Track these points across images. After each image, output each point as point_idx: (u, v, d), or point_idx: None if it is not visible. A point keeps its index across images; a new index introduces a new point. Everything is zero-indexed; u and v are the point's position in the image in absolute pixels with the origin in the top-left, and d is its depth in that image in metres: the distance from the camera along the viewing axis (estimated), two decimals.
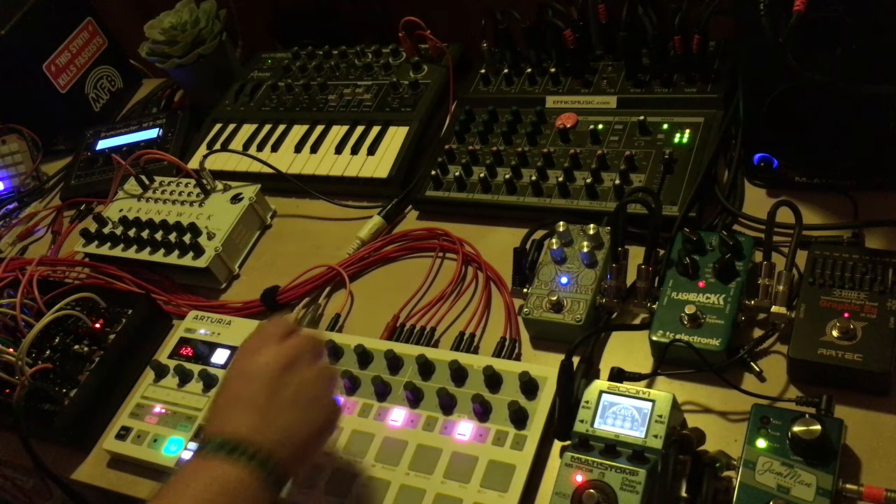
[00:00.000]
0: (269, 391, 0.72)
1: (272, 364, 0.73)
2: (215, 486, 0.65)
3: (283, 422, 0.71)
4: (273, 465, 0.68)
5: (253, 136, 1.36)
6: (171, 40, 1.44)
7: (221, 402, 0.74)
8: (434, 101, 1.28)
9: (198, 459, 0.69)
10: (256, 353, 0.75)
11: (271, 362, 0.74)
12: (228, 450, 0.68)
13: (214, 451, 0.68)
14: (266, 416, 0.70)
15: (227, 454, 0.67)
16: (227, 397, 0.73)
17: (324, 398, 0.76)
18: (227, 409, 0.72)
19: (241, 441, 0.68)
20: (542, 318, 0.92)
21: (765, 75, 0.90)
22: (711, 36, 1.09)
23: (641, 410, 0.77)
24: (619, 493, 0.72)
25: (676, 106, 1.09)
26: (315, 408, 0.74)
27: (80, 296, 1.12)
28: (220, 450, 0.68)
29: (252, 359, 0.75)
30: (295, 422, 0.71)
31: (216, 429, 0.71)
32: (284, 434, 0.70)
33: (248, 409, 0.71)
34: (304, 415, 0.73)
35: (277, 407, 0.71)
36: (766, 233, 0.85)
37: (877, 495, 0.69)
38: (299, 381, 0.74)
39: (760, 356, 0.85)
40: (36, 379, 1.04)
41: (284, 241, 1.24)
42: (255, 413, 0.70)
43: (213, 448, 0.68)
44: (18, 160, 1.59)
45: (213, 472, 0.67)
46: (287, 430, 0.71)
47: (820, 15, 0.79)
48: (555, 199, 1.06)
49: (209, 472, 0.67)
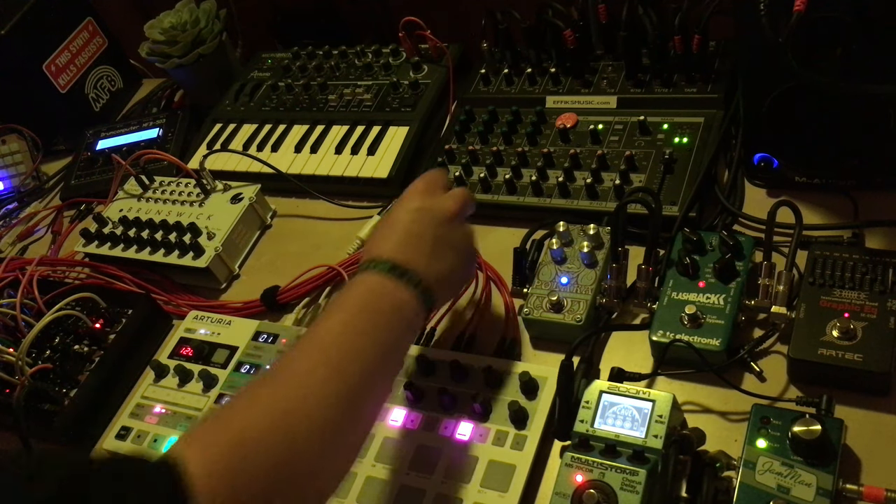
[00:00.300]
0: (437, 237, 0.82)
1: (444, 213, 0.84)
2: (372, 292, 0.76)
3: (443, 265, 0.81)
4: (430, 297, 0.79)
5: (253, 136, 1.36)
6: (171, 40, 1.44)
7: (390, 230, 0.82)
8: (434, 101, 1.28)
9: (368, 275, 0.77)
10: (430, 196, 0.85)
11: (444, 211, 0.84)
12: (398, 273, 0.77)
13: (385, 271, 0.77)
14: (432, 256, 0.80)
15: (398, 277, 0.77)
16: (397, 229, 0.82)
17: (470, 250, 0.89)
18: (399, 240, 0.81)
19: (409, 269, 0.78)
20: (542, 318, 0.92)
21: (765, 75, 0.90)
22: (711, 36, 1.09)
23: (641, 410, 0.77)
24: (620, 493, 0.72)
25: (676, 106, 1.09)
26: (468, 260, 0.88)
27: (80, 296, 1.12)
28: (392, 271, 0.77)
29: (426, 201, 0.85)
30: (452, 267, 0.83)
31: (386, 253, 0.79)
32: (442, 275, 0.81)
33: (418, 246, 0.80)
34: (457, 260, 0.84)
35: (442, 251, 0.82)
36: (766, 233, 0.85)
37: (877, 495, 0.69)
38: (461, 234, 0.86)
39: (760, 356, 0.85)
40: (36, 379, 1.04)
41: (284, 241, 1.24)
42: (423, 250, 0.80)
43: (385, 268, 0.77)
44: (18, 160, 1.59)
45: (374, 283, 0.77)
46: (445, 273, 0.82)
47: (820, 15, 0.79)
48: (555, 199, 1.06)
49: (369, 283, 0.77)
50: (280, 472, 0.62)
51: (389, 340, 0.74)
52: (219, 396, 1.00)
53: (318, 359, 0.69)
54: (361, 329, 0.73)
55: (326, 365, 0.68)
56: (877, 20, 0.79)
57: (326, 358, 0.69)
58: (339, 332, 0.72)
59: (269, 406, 0.65)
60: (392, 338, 0.75)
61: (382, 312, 0.75)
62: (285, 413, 0.64)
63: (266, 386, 0.68)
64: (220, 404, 0.77)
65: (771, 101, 0.91)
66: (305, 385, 0.67)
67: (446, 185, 0.90)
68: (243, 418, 0.64)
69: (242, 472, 0.60)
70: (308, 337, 0.72)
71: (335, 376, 0.68)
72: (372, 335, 0.73)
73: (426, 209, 0.84)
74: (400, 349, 0.77)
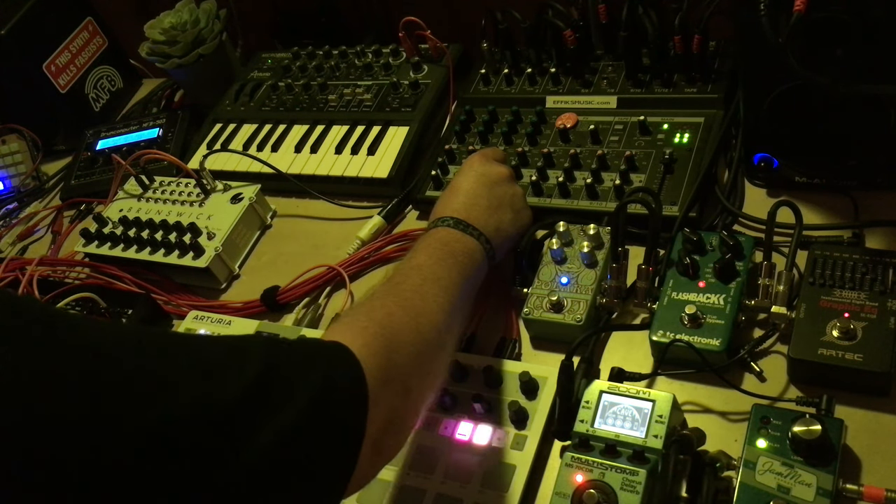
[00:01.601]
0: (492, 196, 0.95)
1: (495, 176, 0.97)
2: (447, 239, 0.88)
3: (499, 222, 0.94)
4: (491, 247, 0.91)
5: (253, 136, 1.36)
6: (171, 40, 1.44)
7: (452, 194, 0.94)
8: (434, 101, 1.28)
9: (438, 231, 0.89)
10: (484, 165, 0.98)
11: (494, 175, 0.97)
12: (463, 227, 0.89)
13: (451, 225, 0.89)
14: (489, 214, 0.93)
15: (462, 229, 0.89)
16: (458, 193, 0.94)
17: (524, 207, 1.00)
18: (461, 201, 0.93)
19: (471, 224, 0.90)
20: (542, 318, 0.92)
21: (765, 75, 0.90)
22: (711, 36, 1.09)
23: (642, 410, 0.77)
24: (620, 493, 0.72)
25: (677, 106, 1.09)
26: (520, 216, 0.98)
27: (81, 296, 1.12)
28: (457, 225, 0.89)
29: (482, 168, 0.97)
30: (507, 223, 0.95)
31: (450, 212, 0.91)
32: (499, 230, 0.93)
33: (476, 205, 0.93)
34: (514, 219, 0.96)
35: (497, 210, 0.94)
36: (767, 233, 0.85)
37: (877, 495, 0.69)
38: (513, 193, 0.98)
39: (760, 356, 0.85)
40: None
41: (284, 241, 1.24)
42: (481, 208, 0.92)
43: (450, 223, 0.90)
44: (18, 160, 1.59)
45: (447, 234, 0.88)
46: (501, 229, 0.94)
47: (820, 15, 0.78)
48: (555, 199, 1.06)
49: (442, 234, 0.88)
50: (416, 361, 0.72)
51: (467, 274, 0.85)
52: None
53: (425, 276, 0.81)
54: (446, 263, 0.84)
55: (433, 282, 0.80)
56: (877, 20, 0.79)
57: (429, 277, 0.81)
58: (429, 264, 0.83)
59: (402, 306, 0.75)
60: (468, 273, 0.85)
61: (456, 254, 0.86)
62: (417, 314, 0.75)
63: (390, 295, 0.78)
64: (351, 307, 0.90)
65: (771, 101, 0.91)
66: (422, 295, 0.78)
67: (500, 157, 1.02)
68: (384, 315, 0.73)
69: (394, 352, 0.69)
70: (402, 271, 0.82)
71: (441, 292, 0.80)
72: (455, 268, 0.84)
73: (483, 173, 0.96)
74: (474, 287, 0.88)
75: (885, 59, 0.81)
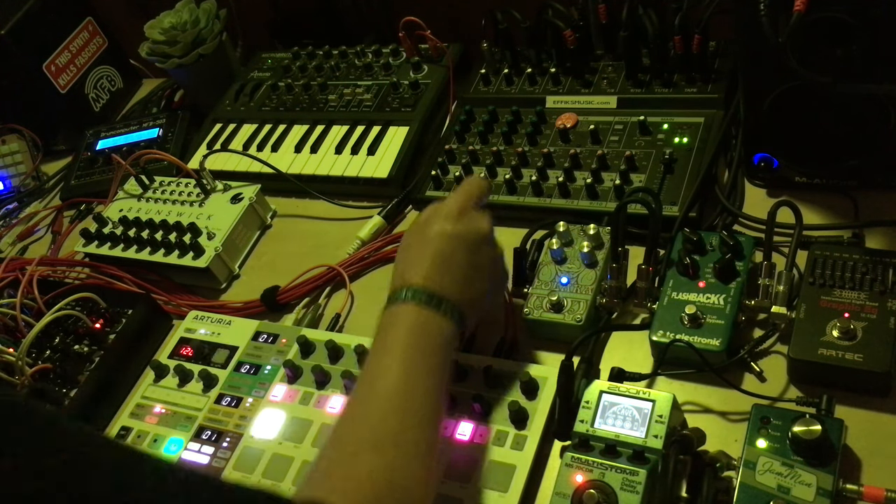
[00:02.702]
0: (469, 262, 0.81)
1: (477, 236, 0.83)
2: (417, 330, 0.76)
3: (475, 291, 0.82)
4: (464, 323, 0.79)
5: (253, 136, 1.36)
6: (171, 40, 1.44)
7: (420, 254, 0.81)
8: (434, 101, 1.28)
9: (399, 306, 0.78)
10: (464, 217, 0.83)
11: (477, 234, 0.83)
12: (436, 303, 0.77)
13: (423, 302, 0.77)
14: (465, 283, 0.80)
15: (435, 307, 0.77)
16: (430, 254, 0.80)
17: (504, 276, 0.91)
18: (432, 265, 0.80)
19: (445, 298, 0.78)
20: (542, 318, 0.92)
21: (765, 75, 0.90)
22: (711, 36, 1.09)
23: (642, 410, 0.77)
24: (620, 493, 0.72)
25: (677, 106, 1.09)
26: (499, 284, 0.89)
27: (80, 296, 1.12)
28: (429, 302, 0.77)
29: (459, 224, 0.82)
30: (483, 292, 0.83)
31: (420, 280, 0.78)
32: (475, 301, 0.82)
33: (451, 273, 0.80)
34: (490, 288, 0.85)
35: (474, 277, 0.81)
36: (767, 233, 0.85)
37: (877, 495, 0.69)
38: (492, 258, 0.85)
39: (760, 356, 0.85)
40: (36, 379, 1.04)
41: (284, 241, 1.24)
42: (458, 279, 0.80)
43: (422, 299, 0.77)
44: (18, 160, 1.59)
45: (416, 318, 0.76)
46: (477, 298, 0.82)
47: (820, 15, 0.78)
48: (555, 199, 1.06)
49: (411, 318, 0.77)
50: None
51: (445, 376, 0.77)
52: (219, 396, 1.00)
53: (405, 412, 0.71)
54: (425, 372, 0.74)
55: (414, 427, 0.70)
56: (877, 20, 0.79)
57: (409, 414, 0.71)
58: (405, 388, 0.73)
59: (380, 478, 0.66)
60: (446, 372, 0.77)
61: (435, 353, 0.76)
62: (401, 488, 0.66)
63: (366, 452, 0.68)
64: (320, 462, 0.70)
65: (771, 101, 0.91)
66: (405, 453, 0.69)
67: (481, 199, 0.87)
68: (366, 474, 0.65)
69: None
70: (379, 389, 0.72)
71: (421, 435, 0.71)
72: (435, 376, 0.75)
73: (459, 235, 0.81)
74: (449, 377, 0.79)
75: (885, 59, 0.81)
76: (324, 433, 0.91)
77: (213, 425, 0.97)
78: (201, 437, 0.97)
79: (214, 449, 0.95)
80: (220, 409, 0.99)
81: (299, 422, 0.94)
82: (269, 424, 0.95)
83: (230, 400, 0.99)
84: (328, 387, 0.96)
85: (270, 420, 0.95)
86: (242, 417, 0.97)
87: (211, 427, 0.97)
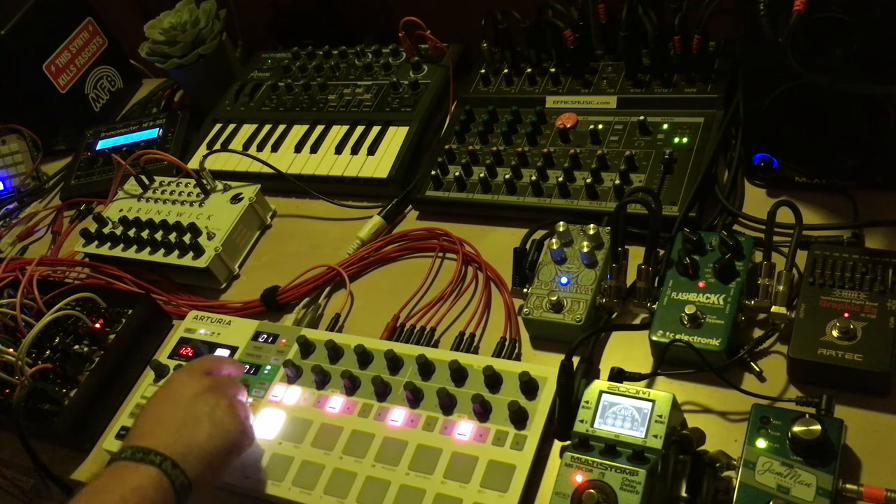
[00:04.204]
0: (185, 411, 0.83)
1: (192, 390, 0.86)
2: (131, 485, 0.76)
3: (190, 438, 0.81)
4: (179, 473, 0.78)
5: (253, 136, 1.36)
6: (171, 40, 1.44)
7: (141, 420, 0.85)
8: (434, 101, 1.28)
9: (113, 466, 0.79)
10: (182, 382, 0.87)
11: (192, 388, 0.86)
12: (139, 457, 0.78)
13: (128, 458, 0.78)
14: (178, 433, 0.81)
15: (139, 461, 0.78)
16: (147, 417, 0.85)
17: (233, 422, 0.86)
18: (145, 426, 0.83)
19: (150, 450, 0.79)
20: (542, 318, 0.92)
21: (765, 75, 0.90)
22: (711, 36, 1.09)
23: (641, 410, 0.77)
24: (619, 493, 0.72)
25: (676, 106, 1.09)
26: (222, 429, 0.84)
27: (80, 296, 1.12)
28: (132, 457, 0.78)
29: (176, 385, 0.87)
30: (202, 438, 0.82)
31: (132, 442, 0.81)
32: (191, 448, 0.81)
33: (162, 426, 0.82)
34: (213, 432, 0.83)
35: (189, 425, 0.82)
36: (766, 233, 0.85)
37: (877, 495, 0.69)
38: (212, 405, 0.85)
39: (760, 356, 0.85)
40: (36, 379, 1.04)
41: (284, 241, 1.24)
42: (168, 429, 0.81)
43: (127, 456, 0.79)
44: (18, 160, 1.59)
45: (129, 476, 0.77)
46: (194, 445, 0.81)
47: (820, 15, 0.79)
48: (555, 199, 1.06)
49: (125, 476, 0.77)
50: None
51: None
52: None
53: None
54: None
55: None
56: (877, 20, 0.79)
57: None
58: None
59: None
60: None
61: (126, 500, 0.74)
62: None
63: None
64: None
65: (771, 101, 0.91)
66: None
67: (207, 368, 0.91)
68: None
69: None
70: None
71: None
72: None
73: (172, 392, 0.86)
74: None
75: (885, 59, 0.81)
76: (323, 433, 0.91)
77: None
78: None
79: None
80: None
81: (299, 422, 0.94)
82: (269, 424, 0.95)
83: None
84: (328, 387, 0.96)
85: (270, 420, 0.95)
86: None
87: None
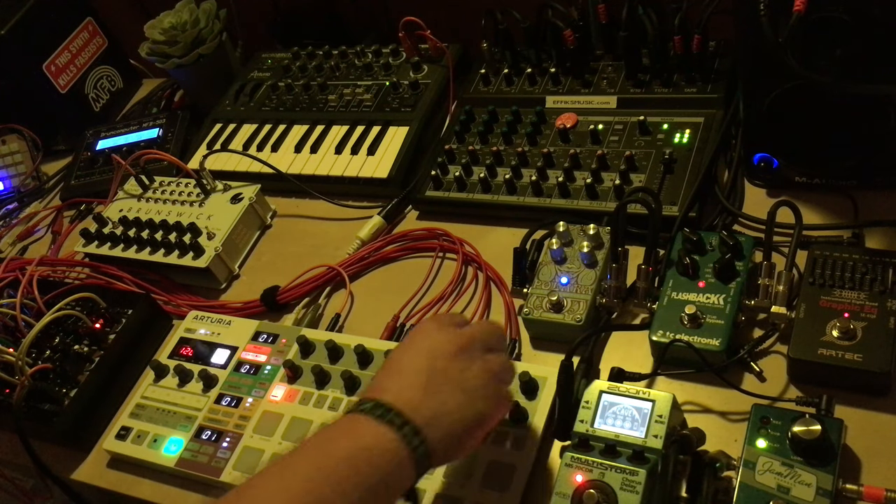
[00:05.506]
0: (433, 370, 0.71)
1: (444, 345, 0.73)
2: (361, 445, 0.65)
3: (438, 403, 0.69)
4: (420, 442, 0.66)
5: (253, 136, 1.36)
6: (171, 40, 1.44)
7: (385, 372, 0.73)
8: (434, 101, 1.28)
9: (349, 417, 0.68)
10: (431, 333, 0.74)
11: (444, 343, 0.73)
12: (379, 414, 0.66)
13: (367, 412, 0.67)
14: (424, 394, 0.69)
15: (377, 418, 0.66)
16: (392, 368, 0.73)
17: (488, 388, 0.72)
18: (389, 378, 0.72)
19: (391, 408, 0.67)
20: (542, 318, 0.92)
21: (765, 75, 0.90)
22: (711, 36, 1.09)
23: (641, 410, 0.77)
24: (619, 493, 0.72)
25: (676, 106, 1.09)
26: (476, 396, 0.71)
27: (80, 296, 1.12)
28: (371, 412, 0.67)
29: (425, 337, 0.74)
30: (452, 406, 0.69)
31: (373, 394, 0.69)
32: (438, 415, 0.68)
33: (408, 383, 0.70)
34: (463, 401, 0.70)
35: (437, 387, 0.70)
36: (766, 233, 0.85)
37: (877, 495, 0.69)
38: (465, 368, 0.72)
39: (760, 356, 0.85)
40: (36, 379, 1.04)
41: (284, 241, 1.24)
42: (414, 389, 0.69)
43: (366, 409, 0.67)
44: (18, 160, 1.59)
45: (362, 431, 0.66)
46: (441, 413, 0.68)
47: (820, 15, 0.78)
48: (555, 199, 1.06)
49: (357, 431, 0.66)
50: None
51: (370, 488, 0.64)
52: (218, 396, 1.00)
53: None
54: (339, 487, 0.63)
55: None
56: (877, 20, 0.79)
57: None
58: None
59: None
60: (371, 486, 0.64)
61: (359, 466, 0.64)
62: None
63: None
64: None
65: (771, 101, 0.91)
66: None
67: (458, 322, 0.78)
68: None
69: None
70: None
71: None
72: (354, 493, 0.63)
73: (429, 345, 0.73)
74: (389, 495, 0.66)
75: (885, 59, 0.81)
76: None
77: (212, 425, 0.97)
78: (201, 437, 0.97)
79: (214, 449, 0.95)
80: (220, 409, 0.99)
81: (299, 422, 0.94)
82: (269, 424, 0.95)
83: (230, 400, 0.99)
84: (328, 387, 0.96)
85: (270, 420, 0.95)
86: (242, 417, 0.97)
87: (211, 427, 0.97)
